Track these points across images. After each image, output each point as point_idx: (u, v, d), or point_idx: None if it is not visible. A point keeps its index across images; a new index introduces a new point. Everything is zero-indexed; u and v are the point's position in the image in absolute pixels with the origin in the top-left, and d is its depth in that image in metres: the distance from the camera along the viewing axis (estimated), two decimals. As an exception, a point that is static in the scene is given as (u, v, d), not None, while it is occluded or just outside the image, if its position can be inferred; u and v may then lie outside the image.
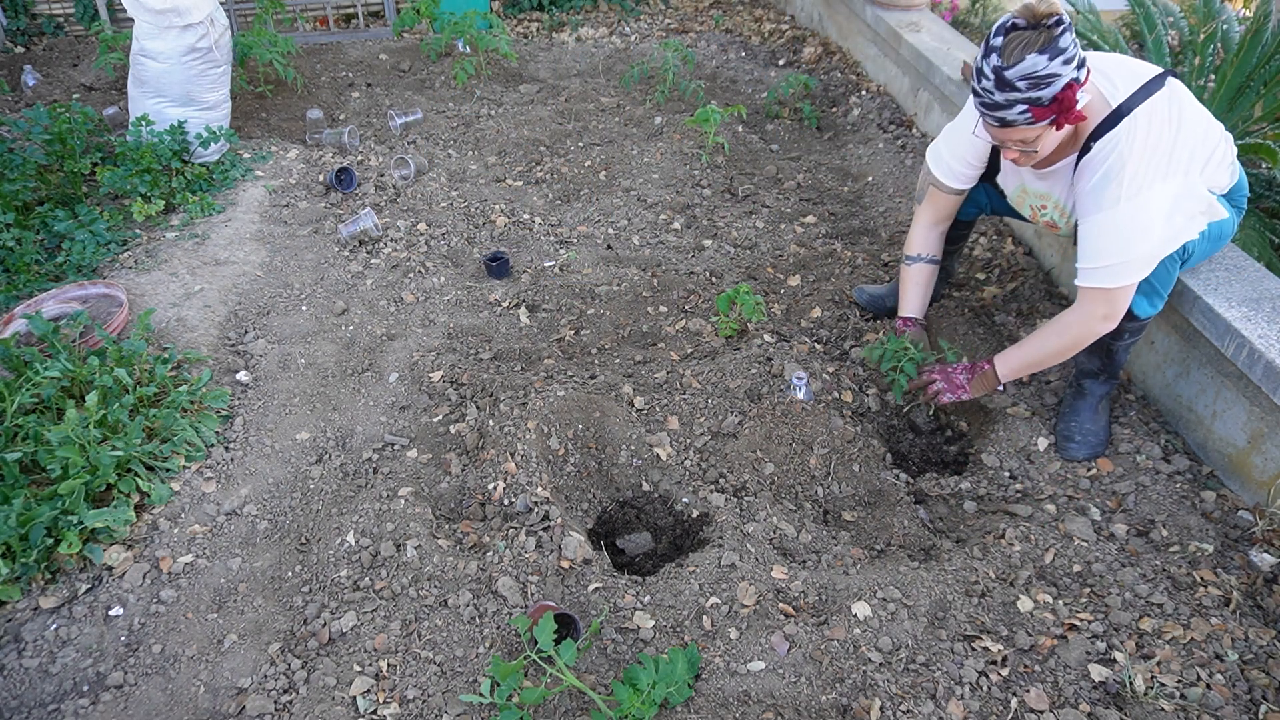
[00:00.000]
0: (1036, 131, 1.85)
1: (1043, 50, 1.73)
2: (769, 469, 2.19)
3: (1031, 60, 1.73)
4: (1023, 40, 1.75)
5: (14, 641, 1.82)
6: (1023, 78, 1.75)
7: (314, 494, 2.17)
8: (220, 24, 3.47)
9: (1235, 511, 2.05)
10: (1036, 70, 1.74)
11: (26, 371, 2.24)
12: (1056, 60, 1.73)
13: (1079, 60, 1.76)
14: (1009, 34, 1.77)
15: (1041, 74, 1.74)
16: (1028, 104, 1.78)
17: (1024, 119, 1.81)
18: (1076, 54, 1.75)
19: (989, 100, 1.82)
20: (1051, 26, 1.74)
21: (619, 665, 1.78)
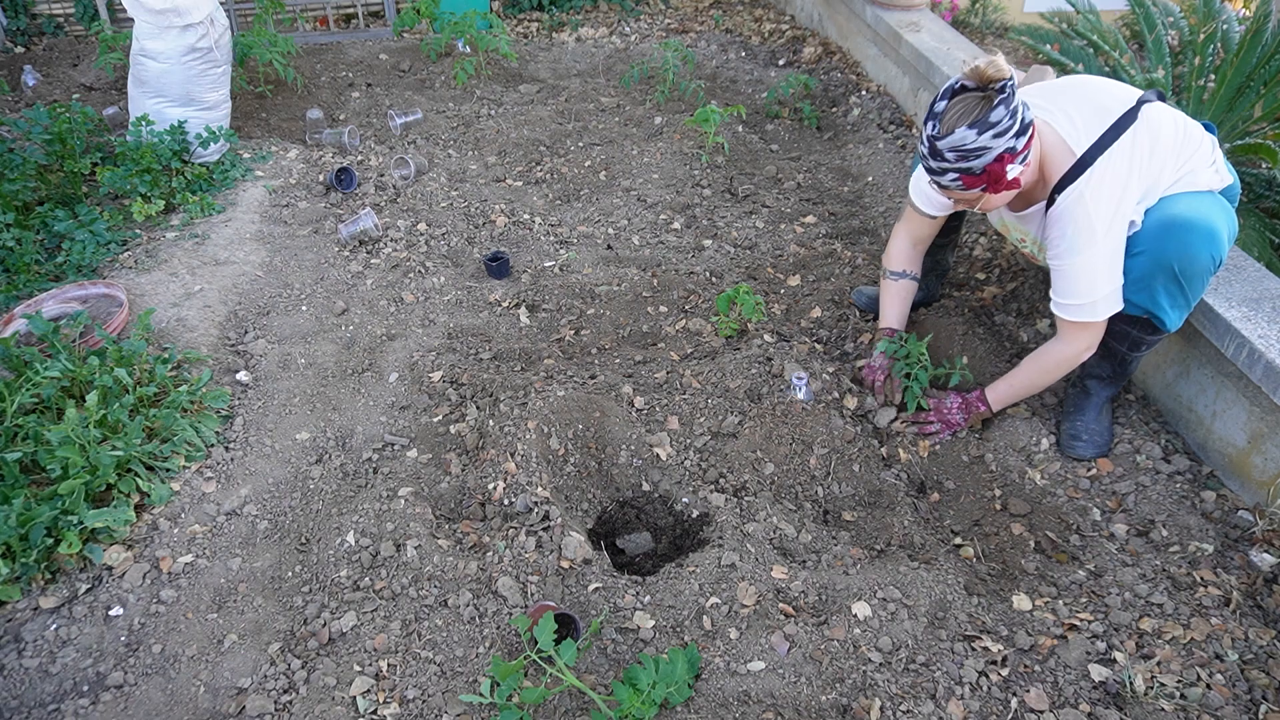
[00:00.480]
0: (971, 196, 1.88)
1: (973, 125, 1.74)
2: (769, 469, 2.19)
3: (960, 134, 1.75)
4: (960, 109, 1.77)
5: (14, 641, 1.82)
6: (952, 149, 1.78)
7: (314, 494, 2.17)
8: (220, 24, 3.47)
9: (1235, 511, 2.05)
10: (965, 144, 1.76)
11: (26, 371, 2.24)
12: (986, 134, 1.74)
13: (1017, 129, 1.77)
14: (951, 99, 1.79)
15: (969, 148, 1.77)
16: (958, 173, 1.83)
17: (956, 185, 1.86)
18: (1013, 125, 1.76)
19: (927, 165, 1.86)
20: (991, 95, 1.75)
21: (619, 665, 1.78)
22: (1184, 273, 1.91)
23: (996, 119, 1.74)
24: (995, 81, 1.74)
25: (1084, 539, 2.05)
